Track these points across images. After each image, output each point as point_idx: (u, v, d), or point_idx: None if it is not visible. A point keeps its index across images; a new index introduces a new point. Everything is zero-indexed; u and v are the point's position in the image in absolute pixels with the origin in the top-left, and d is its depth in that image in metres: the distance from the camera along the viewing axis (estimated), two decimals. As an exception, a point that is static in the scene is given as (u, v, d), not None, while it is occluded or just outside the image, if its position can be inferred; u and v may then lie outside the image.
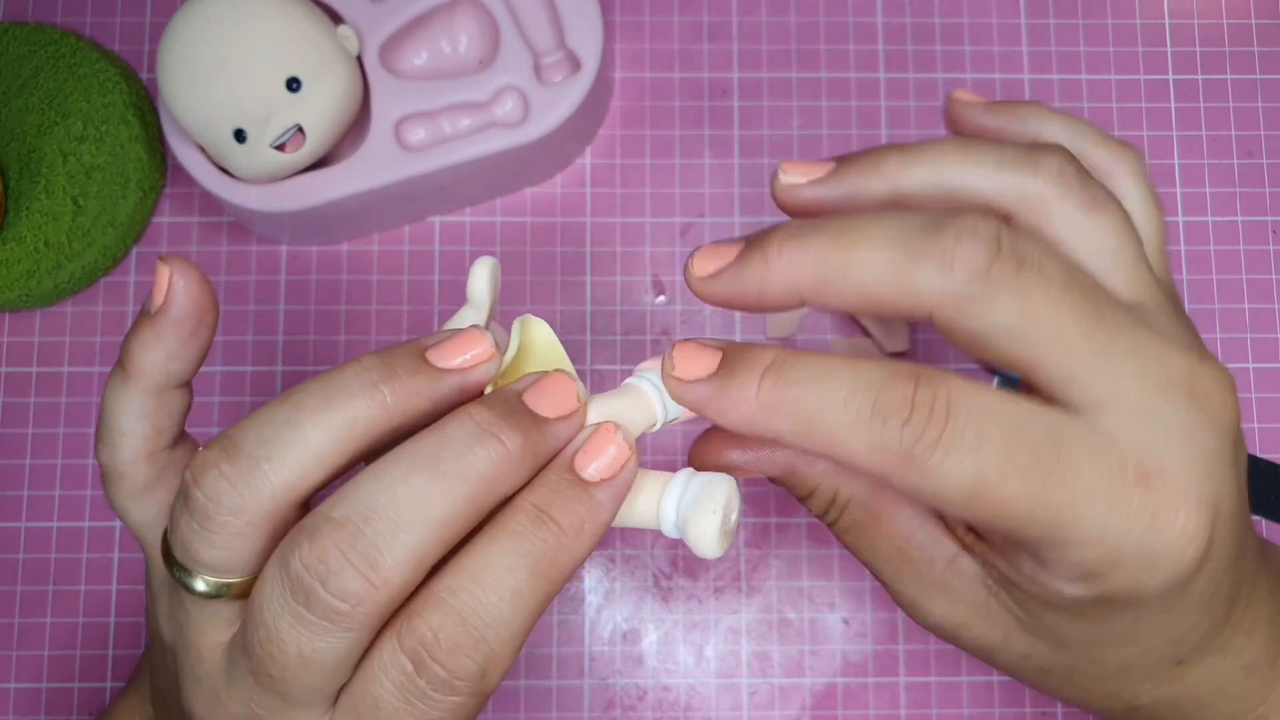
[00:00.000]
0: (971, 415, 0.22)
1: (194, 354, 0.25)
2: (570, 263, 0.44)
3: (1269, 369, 0.44)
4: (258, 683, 0.23)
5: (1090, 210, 0.24)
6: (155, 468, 0.26)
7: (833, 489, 0.27)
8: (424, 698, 0.22)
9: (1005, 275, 0.22)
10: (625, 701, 0.42)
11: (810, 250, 0.23)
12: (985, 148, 0.25)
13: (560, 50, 0.42)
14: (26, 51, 0.44)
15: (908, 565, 0.26)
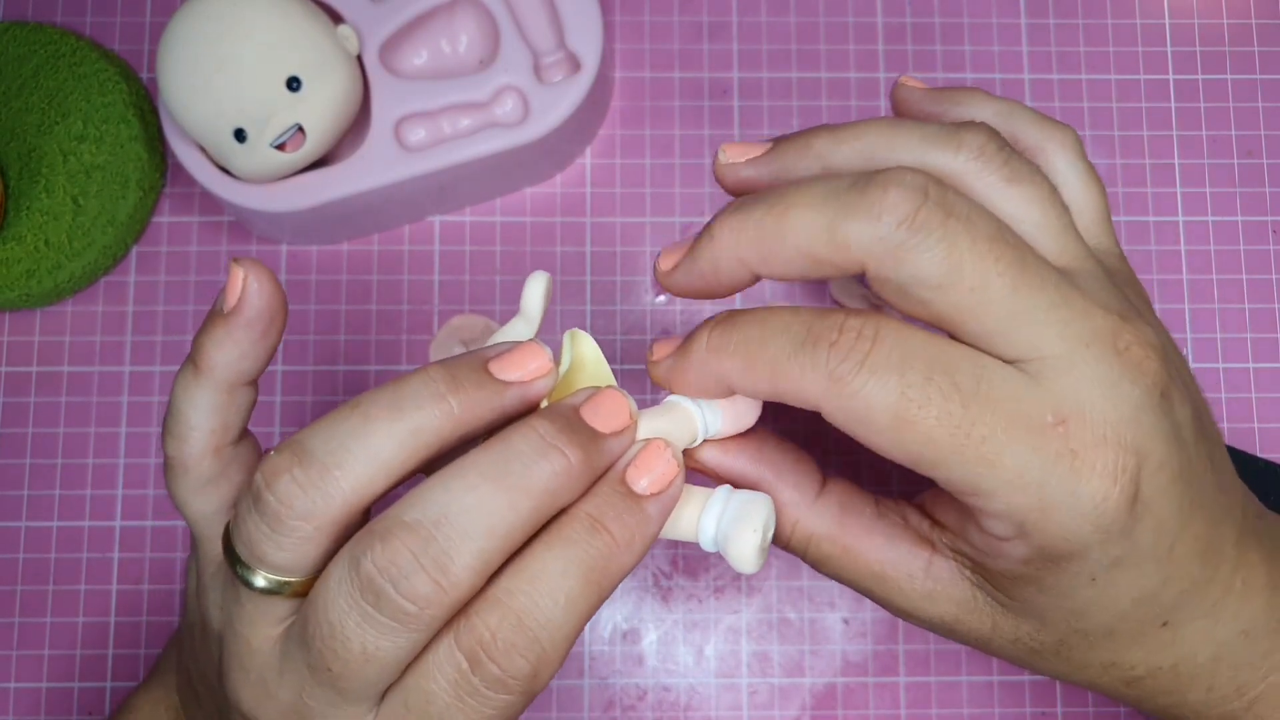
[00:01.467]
0: (898, 341, 0.23)
1: (264, 353, 0.26)
2: (570, 263, 0.44)
3: (1269, 369, 0.44)
4: (314, 676, 0.23)
5: (1011, 182, 0.25)
6: (220, 463, 0.27)
7: (792, 520, 0.27)
8: (476, 695, 0.23)
9: (932, 223, 0.23)
10: (625, 701, 0.42)
11: (749, 220, 0.24)
12: (911, 126, 0.26)
13: (560, 50, 0.42)
14: (26, 51, 0.44)
15: (889, 584, 0.27)
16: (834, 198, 0.24)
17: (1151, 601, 0.25)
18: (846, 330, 0.23)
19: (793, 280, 0.25)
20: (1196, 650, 0.26)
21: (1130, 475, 0.23)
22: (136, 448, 0.43)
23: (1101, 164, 0.45)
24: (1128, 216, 0.45)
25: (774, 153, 0.27)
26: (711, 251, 0.25)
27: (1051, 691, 0.42)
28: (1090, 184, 0.28)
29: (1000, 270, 0.23)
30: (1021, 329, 0.23)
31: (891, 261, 0.23)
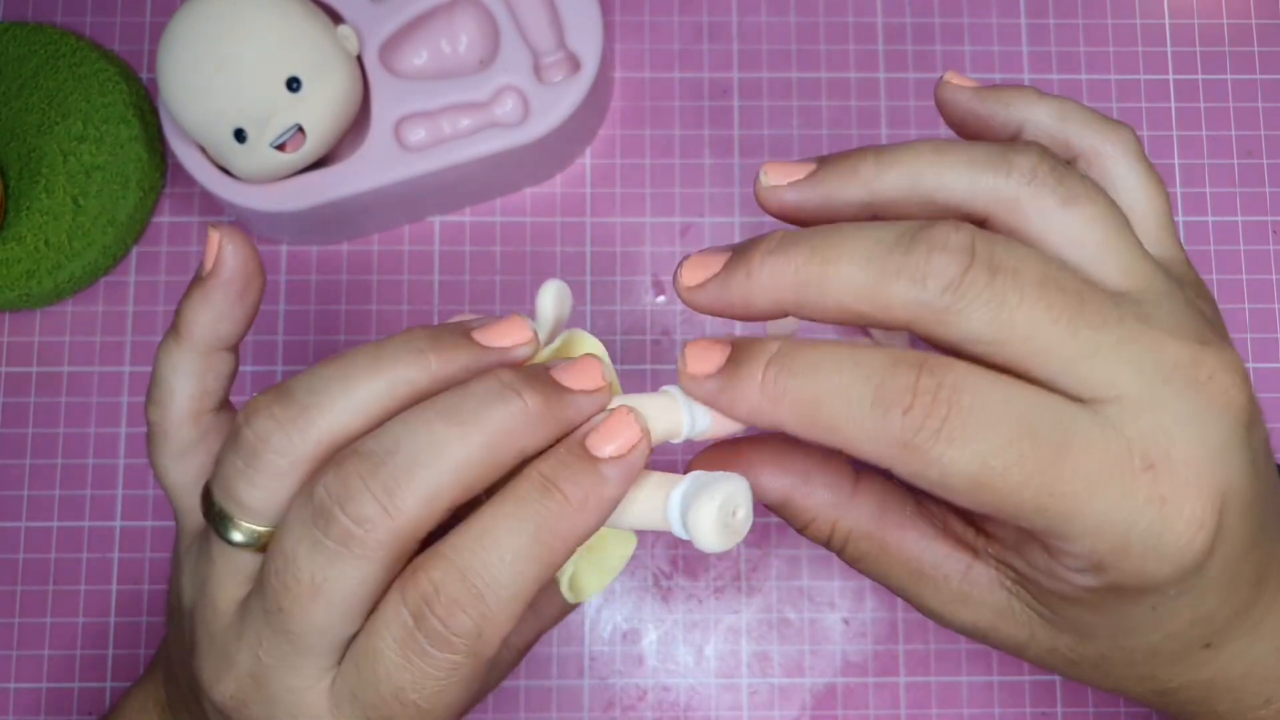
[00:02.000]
0: (975, 403, 0.22)
1: (241, 316, 0.27)
2: (570, 263, 0.44)
3: (1269, 369, 0.44)
4: (268, 622, 0.24)
5: (1068, 204, 0.24)
6: (199, 430, 0.27)
7: (830, 521, 0.27)
8: (422, 654, 0.23)
9: (978, 285, 0.22)
10: (625, 701, 0.42)
11: (790, 265, 0.24)
12: (959, 149, 0.25)
13: (560, 50, 0.42)
14: (26, 51, 0.44)
15: (925, 584, 0.27)
16: (878, 258, 0.23)
17: (1204, 624, 0.25)
18: (921, 394, 0.22)
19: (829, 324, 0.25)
20: (1232, 665, 0.26)
21: (1215, 520, 0.22)
22: (136, 448, 0.43)
23: (1101, 164, 0.45)
24: (1128, 216, 0.45)
25: (818, 176, 0.26)
26: (747, 286, 0.24)
27: (1051, 691, 0.42)
28: (1152, 188, 0.27)
29: (1054, 316, 0.22)
30: (1092, 370, 0.22)
31: (939, 326, 0.23)
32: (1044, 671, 0.42)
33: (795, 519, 0.27)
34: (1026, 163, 0.24)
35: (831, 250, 0.23)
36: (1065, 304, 0.22)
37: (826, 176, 0.26)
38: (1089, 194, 0.24)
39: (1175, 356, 0.23)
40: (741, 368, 0.24)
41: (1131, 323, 0.23)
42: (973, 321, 0.22)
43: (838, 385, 0.23)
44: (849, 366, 0.23)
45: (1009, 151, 0.25)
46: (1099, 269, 0.24)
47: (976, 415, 0.22)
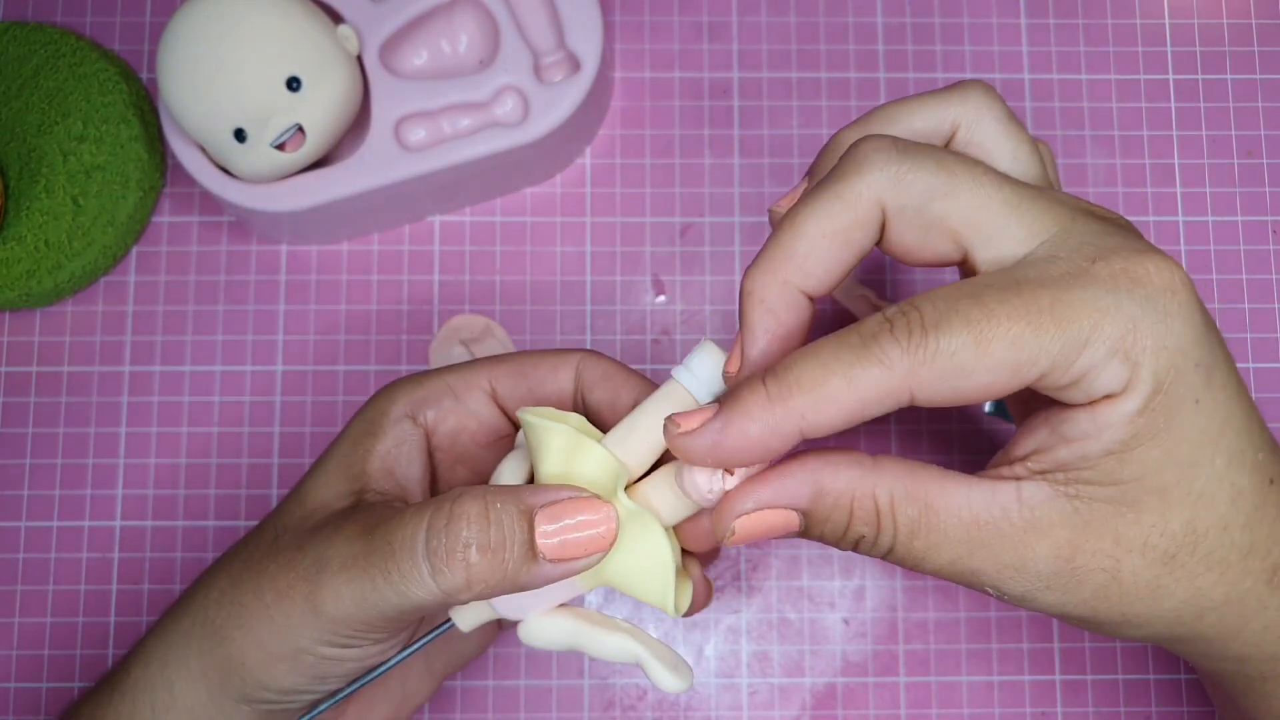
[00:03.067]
0: (934, 297, 0.25)
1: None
2: (570, 263, 0.44)
3: (1269, 369, 0.44)
4: None
5: (1009, 121, 0.30)
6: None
7: (870, 496, 0.26)
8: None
9: (915, 149, 0.26)
10: (625, 701, 0.42)
11: (772, 261, 0.27)
12: (919, 96, 0.30)
13: (560, 50, 0.42)
14: (26, 51, 0.44)
15: (989, 532, 0.26)
16: (829, 179, 0.27)
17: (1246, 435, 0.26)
18: (890, 318, 0.25)
19: (835, 281, 0.27)
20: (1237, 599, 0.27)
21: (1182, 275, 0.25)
22: (136, 448, 0.43)
23: (1101, 164, 0.45)
24: (1128, 216, 0.45)
25: (815, 166, 0.31)
26: (756, 305, 0.27)
27: (1051, 692, 0.42)
28: (1024, 139, 0.30)
29: (982, 169, 0.26)
30: (1028, 211, 0.26)
31: (901, 187, 0.26)
32: (1044, 671, 0.42)
33: (835, 516, 0.26)
34: (978, 89, 0.30)
35: (790, 214, 0.27)
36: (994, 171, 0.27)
37: (818, 165, 0.31)
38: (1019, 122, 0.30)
39: (1089, 206, 0.27)
40: (739, 396, 0.25)
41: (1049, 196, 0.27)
42: (924, 172, 0.26)
43: (828, 352, 0.25)
44: (830, 341, 0.25)
45: (962, 85, 0.30)
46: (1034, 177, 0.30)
47: (940, 302, 0.25)
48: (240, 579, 0.30)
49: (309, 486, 0.32)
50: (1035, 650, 0.42)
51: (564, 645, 0.30)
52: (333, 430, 0.43)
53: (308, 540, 0.29)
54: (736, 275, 0.44)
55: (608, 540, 0.27)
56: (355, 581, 0.28)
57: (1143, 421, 0.25)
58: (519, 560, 0.27)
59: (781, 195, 0.31)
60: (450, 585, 0.27)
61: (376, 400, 0.33)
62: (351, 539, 0.28)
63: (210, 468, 0.43)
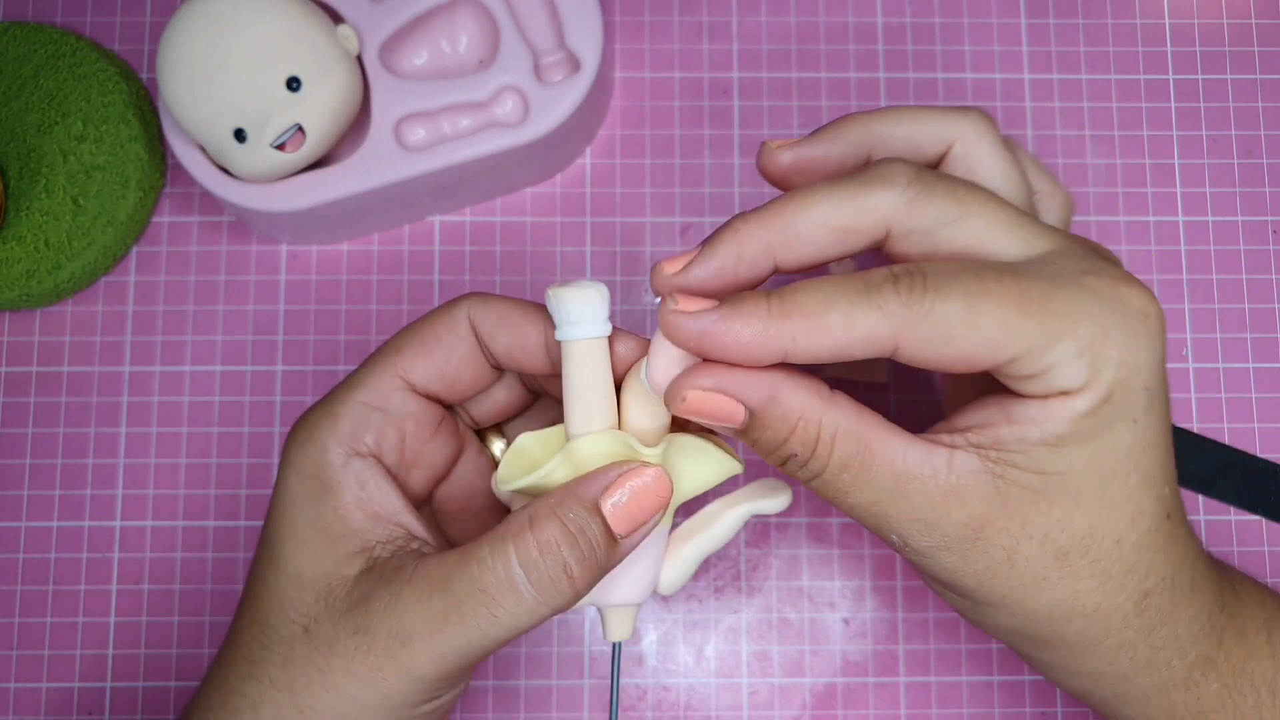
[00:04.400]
0: (937, 268, 0.26)
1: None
2: (570, 263, 0.44)
3: (1269, 369, 0.44)
4: None
5: (1002, 148, 0.31)
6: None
7: (816, 423, 0.27)
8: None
9: (931, 178, 0.27)
10: (625, 701, 0.42)
11: (773, 210, 0.28)
12: (920, 108, 0.31)
13: (560, 50, 0.42)
14: (26, 51, 0.44)
15: (914, 486, 0.27)
16: (849, 182, 0.28)
17: (1160, 467, 0.28)
18: (897, 272, 0.26)
19: (813, 265, 0.28)
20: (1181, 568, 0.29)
21: (1158, 307, 0.27)
22: (136, 448, 0.43)
23: (1101, 164, 0.45)
24: (1128, 216, 0.45)
25: (815, 137, 0.31)
26: (736, 241, 0.27)
27: (1051, 692, 0.42)
28: (1014, 169, 0.31)
29: (990, 197, 0.28)
30: (1031, 232, 0.27)
31: (914, 212, 0.27)
32: (1044, 671, 0.42)
33: (777, 428, 0.27)
34: (974, 114, 0.31)
35: (805, 190, 0.28)
36: (992, 195, 0.28)
37: (820, 137, 0.31)
38: (1012, 148, 0.31)
39: (1101, 262, 0.28)
40: (744, 301, 0.26)
41: (1061, 230, 0.28)
42: (939, 203, 0.27)
43: (835, 288, 0.26)
44: (836, 279, 0.26)
45: (961, 108, 0.31)
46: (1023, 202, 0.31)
47: (945, 270, 0.26)
48: (294, 686, 0.29)
49: (297, 564, 0.30)
50: (1035, 650, 0.42)
51: (696, 566, 0.32)
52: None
53: (365, 622, 0.29)
54: (736, 275, 0.44)
55: (665, 495, 0.29)
56: (455, 637, 0.28)
57: (1084, 423, 0.26)
58: (605, 551, 0.28)
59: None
60: (561, 603, 0.28)
61: (303, 451, 0.31)
62: (426, 600, 0.28)
63: (210, 468, 0.43)
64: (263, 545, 0.31)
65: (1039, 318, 0.26)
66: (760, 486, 0.32)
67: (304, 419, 0.31)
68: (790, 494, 0.32)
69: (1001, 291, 0.26)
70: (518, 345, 0.31)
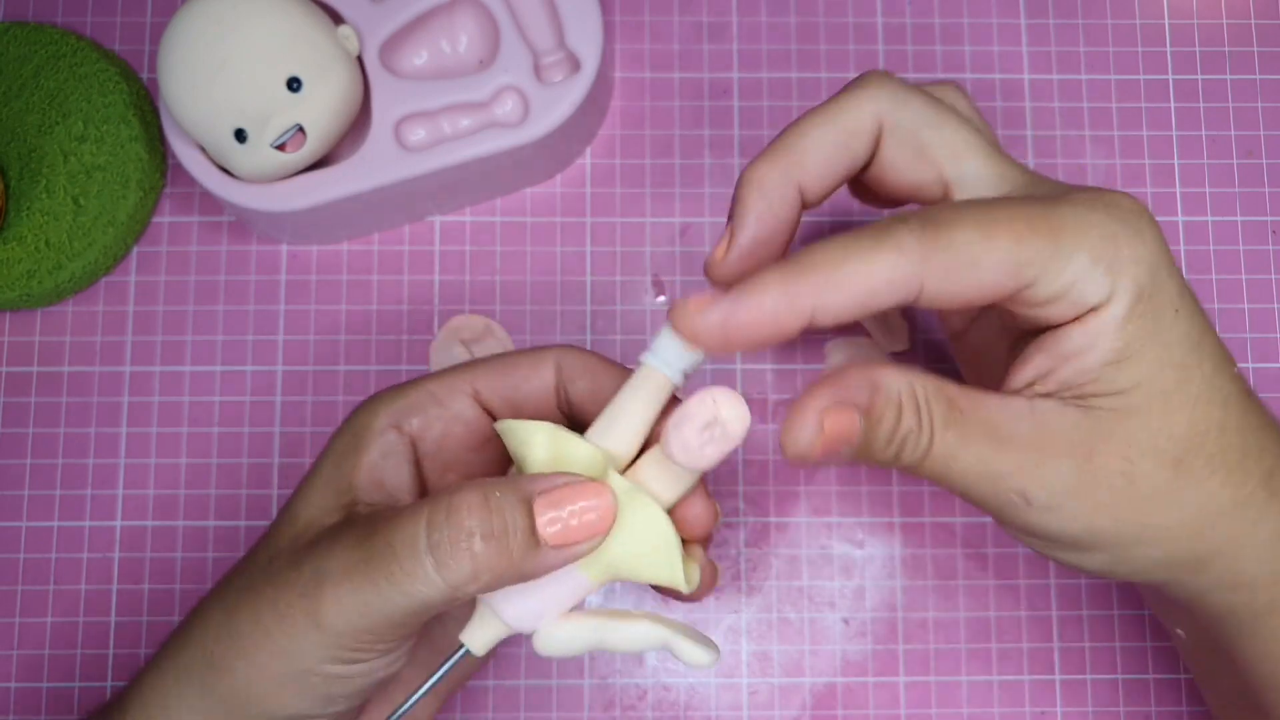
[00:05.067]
0: (941, 207, 0.27)
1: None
2: (570, 263, 0.44)
3: (1269, 369, 0.44)
4: None
5: (976, 117, 0.31)
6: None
7: (913, 393, 0.27)
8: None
9: (915, 88, 0.29)
10: (625, 701, 0.42)
11: (773, 168, 0.29)
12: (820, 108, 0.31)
13: (560, 50, 0.42)
14: (27, 51, 0.44)
15: (1006, 431, 0.27)
16: (836, 97, 0.29)
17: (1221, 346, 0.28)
18: (904, 216, 0.26)
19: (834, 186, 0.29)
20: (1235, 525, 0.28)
21: (1145, 206, 0.27)
22: (136, 448, 0.43)
23: (1101, 164, 0.45)
24: (1128, 216, 0.45)
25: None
26: (756, 186, 0.29)
27: (1051, 691, 0.42)
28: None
29: (966, 120, 0.29)
30: (1002, 161, 0.28)
31: (899, 107, 0.29)
32: (1044, 671, 0.42)
33: (886, 411, 0.27)
34: (950, 88, 0.32)
35: (788, 136, 0.30)
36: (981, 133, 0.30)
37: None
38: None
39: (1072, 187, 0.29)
40: (755, 276, 0.26)
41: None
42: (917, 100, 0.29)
43: (845, 242, 0.26)
44: (845, 234, 0.26)
45: (937, 85, 0.32)
46: None
47: (950, 206, 0.27)
48: (235, 608, 0.30)
49: (297, 506, 0.31)
50: (1035, 650, 0.42)
51: (585, 647, 0.29)
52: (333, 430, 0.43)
53: (303, 556, 0.29)
54: (736, 275, 0.44)
55: (606, 522, 0.27)
56: (358, 589, 0.27)
57: (1132, 329, 0.26)
58: (522, 548, 0.27)
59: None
60: (456, 578, 0.27)
61: (359, 414, 0.32)
62: (349, 548, 0.28)
63: (210, 468, 0.43)
64: (293, 492, 0.33)
65: (1048, 234, 0.26)
66: (694, 632, 0.30)
67: (379, 391, 0.33)
68: (716, 658, 0.30)
69: (1008, 213, 0.26)
70: (592, 392, 0.32)
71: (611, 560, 0.28)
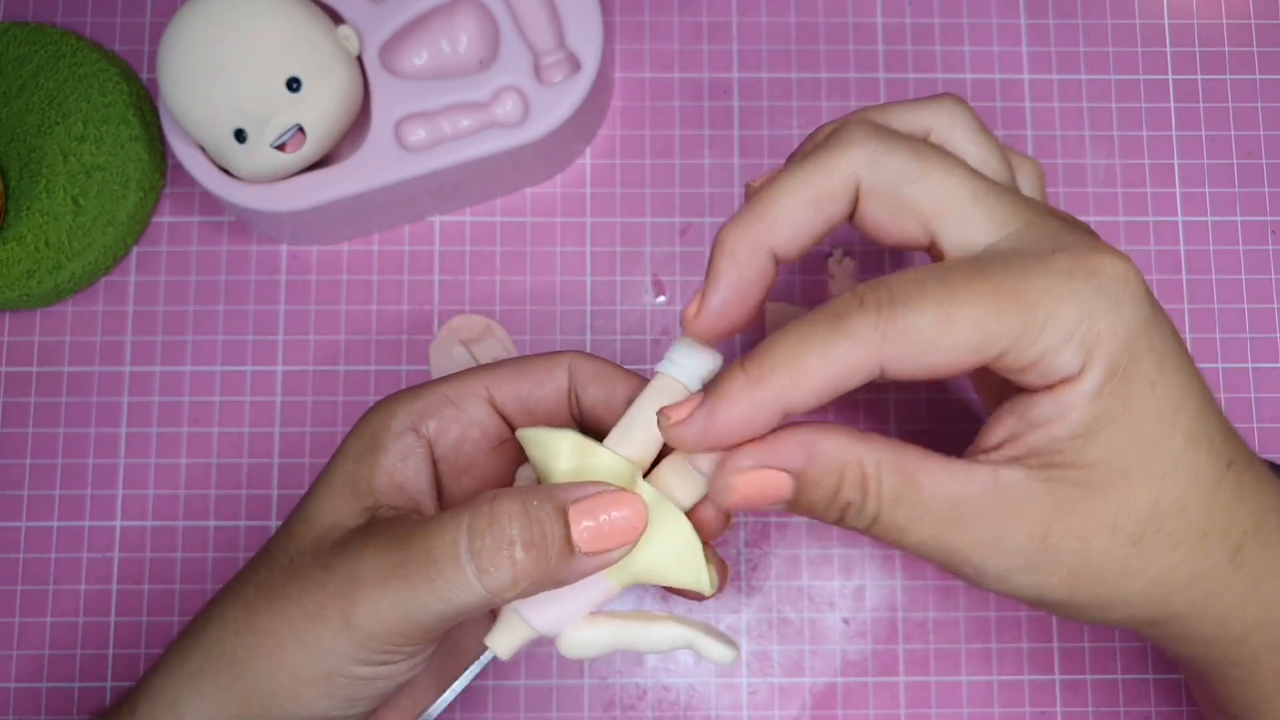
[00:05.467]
0: (901, 277, 0.26)
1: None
2: (570, 263, 0.44)
3: (1269, 369, 0.44)
4: None
5: (979, 132, 0.31)
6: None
7: (858, 464, 0.27)
8: None
9: (895, 136, 0.28)
10: (625, 701, 0.42)
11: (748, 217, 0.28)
12: (897, 103, 0.31)
13: (560, 50, 0.42)
14: (27, 51, 0.44)
15: (968, 508, 0.27)
16: (814, 153, 0.28)
17: (1200, 418, 0.27)
18: (860, 295, 0.26)
19: (808, 245, 0.28)
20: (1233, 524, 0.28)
21: (1134, 268, 0.26)
22: (136, 448, 0.43)
23: (1101, 164, 0.45)
24: (1127, 217, 0.45)
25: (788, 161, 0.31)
26: (727, 252, 0.28)
27: (1051, 691, 0.42)
28: (994, 148, 0.31)
29: (956, 162, 0.28)
30: (994, 204, 0.27)
31: (877, 168, 0.27)
32: (1043, 671, 0.42)
33: (823, 483, 0.27)
34: (947, 101, 0.31)
35: (765, 195, 0.28)
36: (959, 161, 0.28)
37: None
38: (989, 132, 0.31)
39: (1056, 217, 0.28)
40: (719, 386, 0.27)
41: (1019, 197, 0.28)
42: (899, 156, 0.27)
43: (802, 333, 0.26)
44: (801, 322, 0.26)
45: (934, 97, 0.31)
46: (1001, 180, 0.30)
47: (906, 281, 0.26)
48: (256, 607, 0.30)
49: (315, 508, 0.31)
50: (1035, 650, 0.42)
51: (610, 649, 0.30)
52: (333, 430, 0.43)
53: (332, 559, 0.29)
54: (736, 275, 0.44)
55: (638, 529, 0.28)
56: (395, 593, 0.28)
57: (1102, 404, 0.26)
58: (559, 556, 0.28)
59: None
60: (497, 584, 0.27)
61: (375, 414, 0.32)
62: (384, 551, 0.28)
63: (210, 468, 0.43)
64: (307, 493, 0.32)
65: (1016, 311, 0.25)
66: (714, 630, 0.31)
67: (395, 393, 0.33)
68: (736, 654, 0.31)
69: (970, 292, 0.25)
70: (605, 399, 0.32)
71: (638, 566, 0.29)
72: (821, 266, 0.44)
